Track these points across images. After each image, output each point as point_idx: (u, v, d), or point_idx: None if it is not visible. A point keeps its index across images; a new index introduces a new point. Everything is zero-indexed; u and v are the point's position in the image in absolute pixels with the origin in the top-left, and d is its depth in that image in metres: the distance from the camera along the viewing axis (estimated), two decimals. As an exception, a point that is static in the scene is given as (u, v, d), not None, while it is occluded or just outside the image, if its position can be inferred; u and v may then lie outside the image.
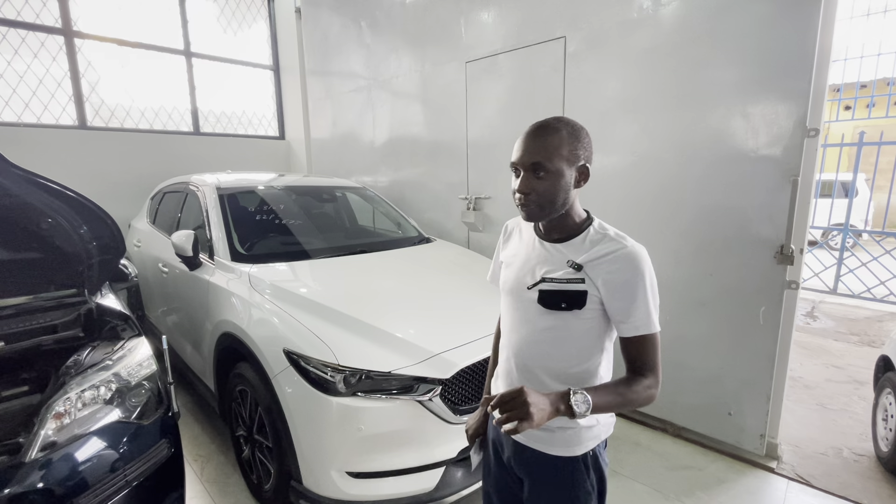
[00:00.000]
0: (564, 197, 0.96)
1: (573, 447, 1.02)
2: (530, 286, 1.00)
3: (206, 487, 2.21)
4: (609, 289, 0.93)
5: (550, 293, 0.97)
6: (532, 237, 1.07)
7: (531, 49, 2.98)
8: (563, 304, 0.96)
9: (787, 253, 2.12)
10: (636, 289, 0.92)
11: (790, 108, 2.05)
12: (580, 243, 0.98)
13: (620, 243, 0.95)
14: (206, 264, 2.50)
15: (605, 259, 0.94)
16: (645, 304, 0.93)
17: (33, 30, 3.95)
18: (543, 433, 1.03)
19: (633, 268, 0.93)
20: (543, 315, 0.99)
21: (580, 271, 0.95)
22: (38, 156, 3.90)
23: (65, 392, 1.33)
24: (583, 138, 0.97)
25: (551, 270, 0.98)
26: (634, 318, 0.93)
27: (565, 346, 0.99)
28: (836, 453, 2.53)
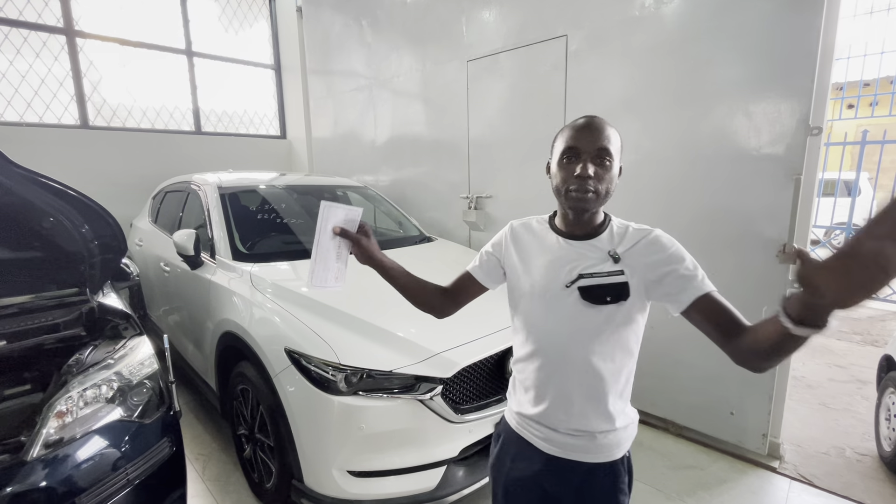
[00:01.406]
0: (613, 188, 0.97)
1: (614, 450, 1.00)
2: (569, 284, 0.97)
3: (208, 486, 2.21)
4: (657, 269, 0.93)
5: (593, 288, 0.95)
6: (553, 238, 1.04)
7: (532, 48, 2.98)
8: (608, 297, 0.94)
9: (789, 252, 2.11)
10: (683, 256, 0.94)
11: (793, 106, 2.04)
12: (609, 238, 0.99)
13: (646, 230, 0.99)
14: (207, 263, 2.50)
15: (637, 246, 0.96)
16: (695, 266, 0.93)
17: (35, 29, 3.96)
18: (585, 441, 1.00)
19: (669, 243, 0.95)
20: (586, 311, 0.96)
21: (618, 263, 0.95)
22: (41, 155, 3.90)
23: (66, 391, 1.33)
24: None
25: (589, 266, 0.97)
26: (699, 276, 0.92)
27: (610, 341, 0.97)
28: (839, 453, 2.52)
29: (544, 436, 1.02)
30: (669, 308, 0.96)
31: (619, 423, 0.99)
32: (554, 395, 1.00)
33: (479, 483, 1.85)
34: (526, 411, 1.05)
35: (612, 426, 0.99)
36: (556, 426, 1.01)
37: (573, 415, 0.99)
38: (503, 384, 2.03)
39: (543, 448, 1.03)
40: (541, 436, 1.03)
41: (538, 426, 1.03)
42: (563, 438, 1.00)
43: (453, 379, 1.79)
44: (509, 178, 3.25)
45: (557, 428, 1.01)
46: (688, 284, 0.92)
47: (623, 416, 1.01)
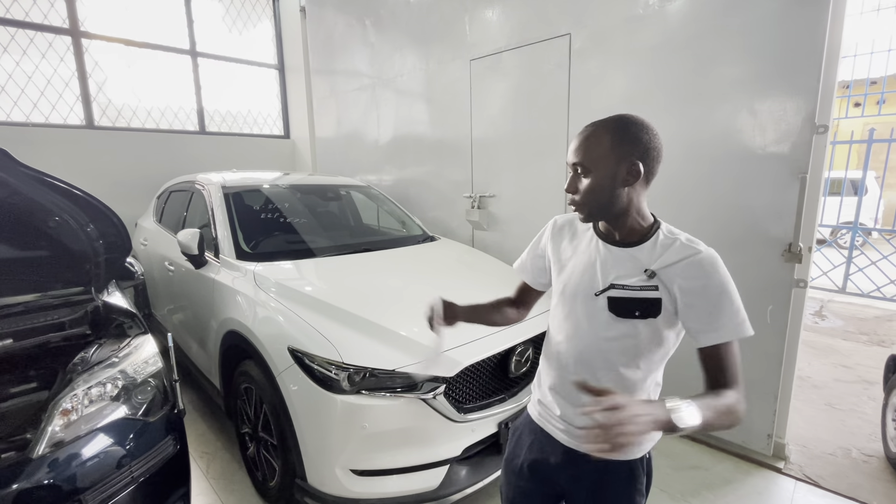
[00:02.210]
0: (613, 196, 0.92)
1: (633, 449, 0.99)
2: (598, 292, 0.95)
3: (212, 484, 2.22)
4: (688, 297, 0.88)
5: (623, 300, 0.92)
6: (593, 239, 1.02)
7: (536, 46, 2.97)
8: (637, 312, 0.91)
9: (794, 251, 2.09)
10: (721, 293, 0.87)
11: (799, 104, 2.03)
12: (651, 248, 0.93)
13: (694, 248, 0.90)
14: (211, 262, 2.51)
15: (679, 265, 0.89)
16: (733, 307, 0.87)
17: (41, 30, 3.99)
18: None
19: (713, 272, 0.88)
20: (613, 323, 0.94)
21: (653, 278, 0.91)
22: (47, 155, 3.93)
23: (72, 389, 1.34)
24: (635, 133, 0.92)
25: (622, 276, 0.93)
26: (723, 323, 0.87)
27: (633, 356, 0.94)
28: (845, 454, 2.50)
29: (564, 428, 1.03)
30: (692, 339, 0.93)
31: None
32: (576, 398, 0.99)
33: (481, 483, 1.85)
34: (553, 409, 1.06)
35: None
36: (575, 421, 1.01)
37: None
38: (506, 384, 2.03)
39: (563, 440, 1.03)
40: (562, 428, 1.04)
41: (559, 420, 1.04)
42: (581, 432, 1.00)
43: (456, 378, 1.79)
44: (512, 178, 3.25)
45: (577, 422, 1.01)
46: (711, 325, 0.87)
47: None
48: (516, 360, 1.98)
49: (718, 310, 0.87)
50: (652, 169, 0.94)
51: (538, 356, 2.14)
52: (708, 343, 0.88)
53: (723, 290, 0.87)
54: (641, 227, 0.96)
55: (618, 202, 0.93)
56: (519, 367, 2.01)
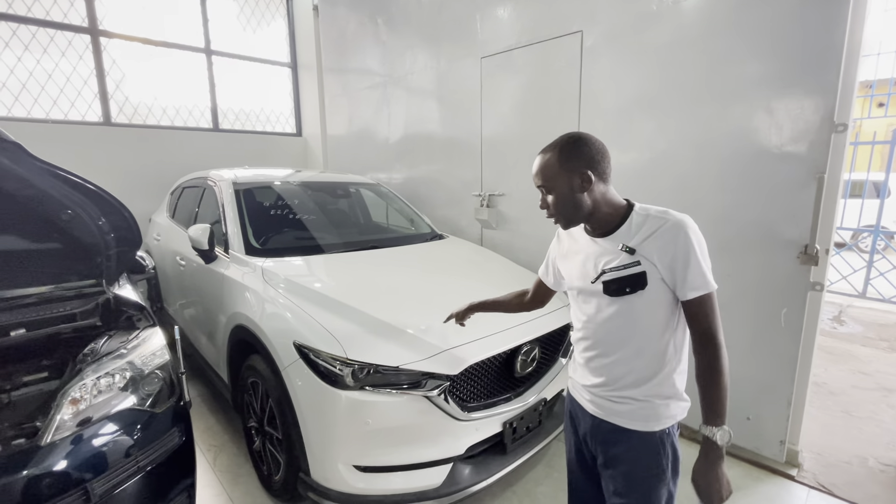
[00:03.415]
0: (576, 203, 1.08)
1: (650, 422, 1.09)
2: (594, 280, 1.10)
3: (218, 476, 2.25)
4: (665, 261, 1.02)
5: (613, 281, 1.06)
6: (584, 236, 1.17)
7: (547, 44, 2.94)
8: (627, 288, 1.04)
9: (811, 253, 2.04)
10: (688, 253, 1.00)
11: (817, 102, 1.97)
12: (628, 229, 1.07)
13: (664, 218, 1.04)
14: (221, 258, 2.54)
15: (653, 236, 1.03)
16: (697, 265, 1.01)
17: (61, 29, 4.08)
18: (622, 406, 1.12)
19: (681, 236, 1.01)
20: (612, 303, 1.08)
21: (634, 254, 1.03)
22: (65, 151, 4.02)
23: (81, 379, 1.36)
24: (576, 149, 1.07)
25: (610, 261, 1.07)
26: (691, 280, 1.01)
27: (638, 327, 1.07)
28: (861, 462, 2.43)
29: (590, 399, 1.19)
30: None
31: (658, 400, 1.09)
32: (598, 371, 1.16)
33: (485, 482, 1.84)
34: (579, 380, 1.24)
35: (647, 398, 1.09)
36: (600, 394, 1.16)
37: (616, 388, 1.12)
38: (512, 383, 2.01)
39: (590, 410, 1.19)
40: (588, 399, 1.20)
41: (587, 392, 1.20)
42: (605, 403, 1.15)
43: (461, 376, 1.78)
44: (522, 177, 3.22)
45: (601, 395, 1.16)
46: (684, 283, 1.02)
47: (661, 395, 1.09)
48: (522, 359, 1.96)
49: (686, 269, 1.01)
50: (603, 170, 1.09)
51: (545, 356, 2.13)
52: (685, 297, 1.03)
53: (689, 252, 1.01)
54: (615, 215, 1.10)
55: (583, 206, 1.09)
56: (525, 366, 1.99)
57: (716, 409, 1.02)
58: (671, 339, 1.08)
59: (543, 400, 2.10)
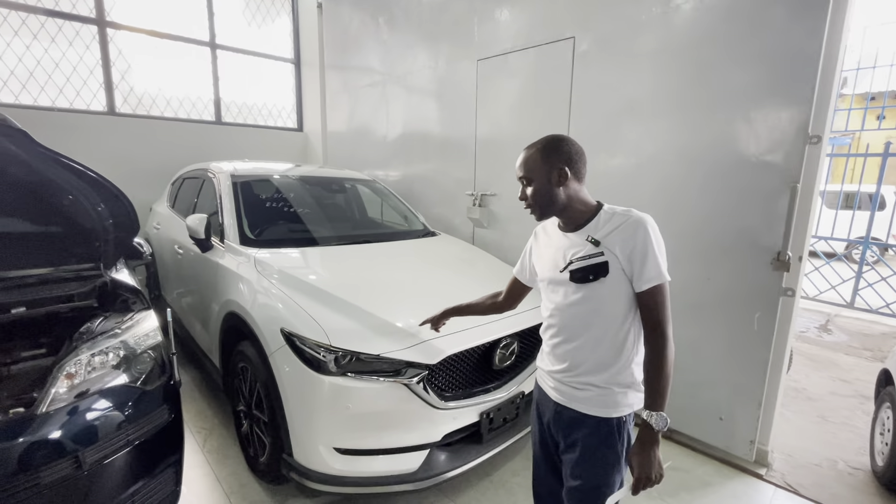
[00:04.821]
0: (552, 196, 1.19)
1: (609, 409, 1.19)
2: (562, 269, 1.20)
3: (207, 458, 2.33)
4: (625, 252, 1.12)
5: (579, 270, 1.16)
6: (557, 232, 1.27)
7: (541, 49, 3.02)
8: (591, 276, 1.14)
9: (783, 259, 2.11)
10: (646, 247, 1.11)
11: (792, 113, 2.05)
12: (595, 224, 1.18)
13: (627, 215, 1.16)
14: (217, 247, 2.62)
15: (617, 230, 1.14)
16: (654, 258, 1.11)
17: (69, 19, 4.16)
18: (583, 393, 1.21)
19: (641, 230, 1.12)
20: (577, 290, 1.18)
21: (599, 246, 1.14)
22: (70, 139, 4.10)
23: (76, 355, 1.44)
24: (557, 147, 1.19)
25: (577, 252, 1.17)
26: (647, 271, 1.11)
27: (600, 313, 1.17)
28: (831, 465, 2.50)
29: (554, 386, 1.28)
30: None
31: (616, 388, 1.18)
32: (562, 357, 1.24)
33: (461, 468, 1.91)
34: (544, 367, 1.33)
35: (606, 385, 1.18)
36: (563, 380, 1.25)
37: (578, 373, 1.21)
38: (491, 375, 2.09)
39: (553, 397, 1.28)
40: (552, 385, 1.29)
41: (551, 379, 1.29)
42: (567, 390, 1.24)
43: (439, 366, 1.86)
44: (513, 178, 3.27)
45: (564, 381, 1.25)
46: (641, 274, 1.12)
47: (619, 383, 1.19)
48: (501, 352, 2.04)
49: (644, 261, 1.11)
50: (579, 170, 1.21)
51: (524, 350, 2.21)
52: (640, 289, 1.13)
53: (647, 245, 1.11)
54: (585, 212, 1.21)
55: (558, 199, 1.20)
56: (503, 360, 2.07)
57: (657, 394, 1.11)
58: (630, 329, 1.18)
59: (521, 393, 2.18)
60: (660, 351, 1.12)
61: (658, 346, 1.13)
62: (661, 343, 1.12)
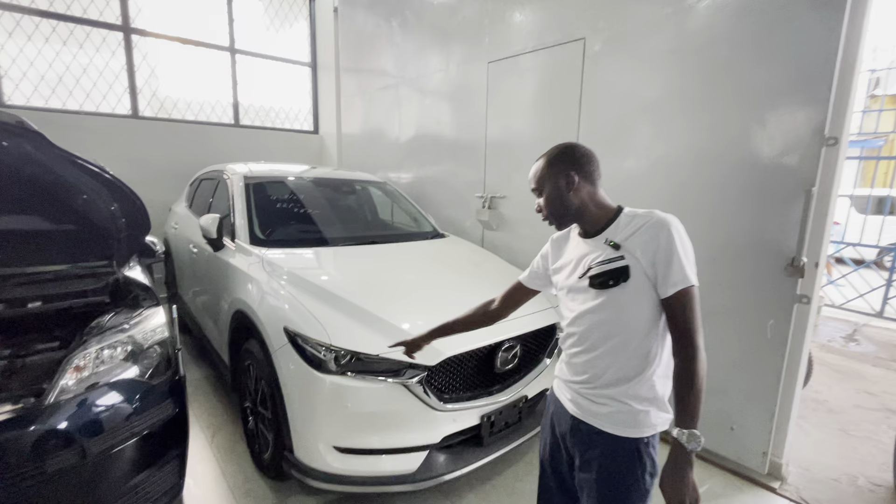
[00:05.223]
0: (564, 202, 1.16)
1: (629, 428, 1.10)
2: (581, 276, 1.15)
3: (214, 453, 2.38)
4: (648, 255, 1.05)
5: (599, 275, 1.10)
6: (576, 239, 1.23)
7: (551, 50, 2.99)
8: (611, 281, 1.08)
9: (797, 265, 2.04)
10: (670, 249, 1.04)
11: (808, 114, 1.98)
12: (615, 228, 1.13)
13: (648, 217, 1.09)
14: (228, 247, 2.68)
15: (638, 232, 1.08)
16: (679, 260, 1.03)
17: (96, 26, 4.33)
18: (601, 408, 1.13)
19: (664, 232, 1.05)
20: (597, 296, 1.11)
21: (619, 250, 1.08)
22: (96, 141, 4.26)
23: (84, 348, 1.50)
24: (562, 154, 1.18)
25: (597, 258, 1.12)
26: (672, 275, 1.03)
27: (622, 321, 1.09)
28: (851, 481, 2.39)
29: (571, 398, 1.21)
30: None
31: (634, 402, 1.09)
32: (581, 368, 1.17)
33: (460, 471, 1.91)
34: (562, 377, 1.26)
35: (626, 401, 1.09)
36: (581, 392, 1.18)
37: (597, 386, 1.13)
38: (493, 379, 2.07)
39: (570, 409, 1.20)
40: (569, 397, 1.22)
41: (569, 390, 1.22)
42: (585, 403, 1.16)
43: (439, 367, 1.86)
44: (523, 180, 3.25)
45: (582, 393, 1.17)
46: (666, 278, 1.04)
47: (640, 398, 1.09)
48: (503, 355, 2.03)
49: (668, 264, 1.04)
50: (589, 172, 1.17)
51: (527, 354, 2.19)
52: (665, 294, 1.05)
53: (671, 247, 1.04)
54: (604, 216, 1.16)
55: (570, 205, 1.16)
56: (505, 363, 2.05)
57: (688, 411, 1.02)
58: (655, 339, 1.09)
59: (524, 397, 2.16)
60: (689, 362, 1.03)
61: (687, 357, 1.03)
62: (689, 353, 1.03)
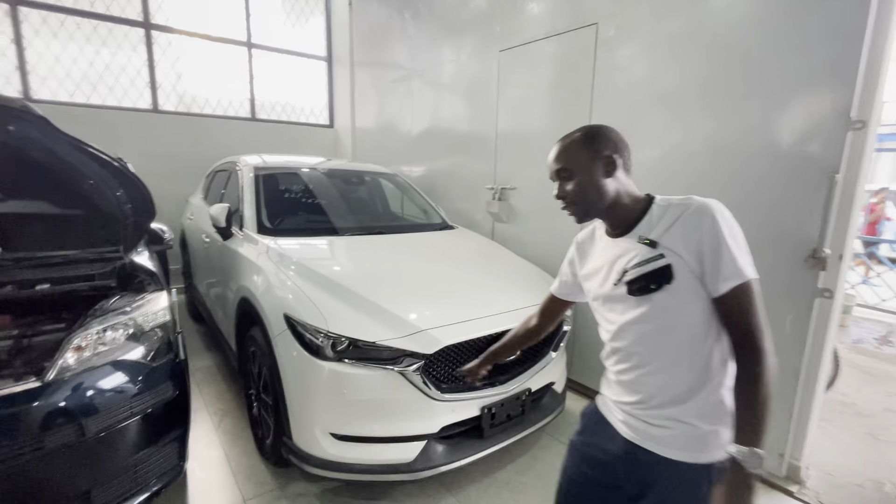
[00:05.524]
0: (600, 190, 0.99)
1: (696, 451, 0.94)
2: (616, 282, 0.99)
3: (220, 438, 2.41)
4: (691, 249, 0.90)
5: (637, 279, 0.94)
6: (605, 239, 1.07)
7: (563, 37, 2.91)
8: (653, 285, 0.92)
9: (819, 257, 1.92)
10: (717, 238, 0.88)
11: (832, 96, 1.86)
12: (648, 224, 0.97)
13: (686, 204, 0.94)
14: (236, 235, 2.71)
15: (676, 224, 0.92)
16: (728, 251, 0.88)
17: (118, 23, 4.45)
18: (661, 431, 0.96)
19: (706, 219, 0.89)
20: (638, 304, 0.96)
21: (657, 247, 0.93)
22: (118, 135, 4.38)
23: (86, 329, 1.53)
24: (601, 133, 1.01)
25: (631, 259, 0.96)
26: (723, 269, 0.88)
27: (672, 331, 0.94)
28: (876, 487, 2.26)
29: (623, 419, 1.03)
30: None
31: (701, 422, 0.93)
32: (631, 387, 1.01)
33: (459, 462, 1.88)
34: (611, 395, 1.08)
35: (690, 422, 0.93)
36: (634, 414, 1.01)
37: (652, 406, 0.97)
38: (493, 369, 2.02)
39: (623, 432, 1.03)
40: (620, 419, 1.04)
41: (619, 411, 1.05)
42: (640, 426, 0.99)
43: (438, 356, 1.83)
44: (533, 171, 3.21)
45: (635, 415, 1.01)
46: (716, 274, 0.88)
47: (708, 416, 0.94)
48: (504, 346, 1.98)
49: (717, 257, 0.88)
50: (627, 159, 1.03)
51: (533, 347, 2.13)
52: (717, 293, 0.89)
53: (717, 236, 0.88)
54: (636, 209, 1.00)
55: (606, 193, 0.99)
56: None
57: (753, 425, 0.85)
58: (715, 346, 0.93)
59: (528, 390, 2.11)
60: (753, 368, 0.86)
61: (750, 363, 0.87)
62: (754, 358, 0.86)
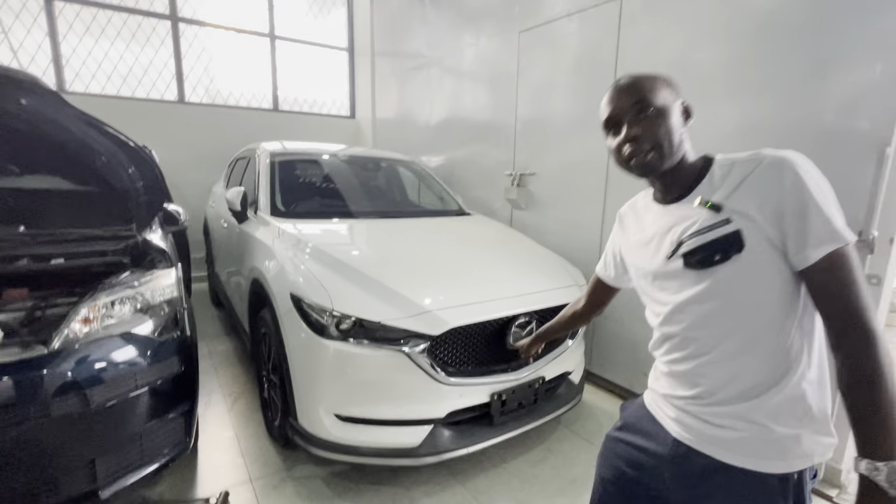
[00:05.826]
0: (678, 135, 0.83)
1: (770, 460, 0.77)
2: (670, 255, 0.83)
3: (232, 419, 2.42)
4: (768, 210, 0.73)
5: (696, 250, 0.79)
6: (654, 207, 0.92)
7: (585, 14, 2.78)
8: (717, 255, 0.76)
9: (866, 239, 1.75)
10: (802, 195, 0.71)
11: (884, 63, 1.68)
12: (709, 185, 0.82)
13: (756, 159, 0.77)
14: (251, 219, 2.72)
15: (746, 181, 0.76)
16: (819, 210, 0.70)
17: (146, 15, 4.56)
18: (723, 432, 0.80)
19: (788, 173, 0.73)
20: (698, 280, 0.79)
21: (720, 212, 0.77)
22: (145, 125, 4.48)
23: (93, 300, 1.53)
24: (672, 80, 0.88)
25: (688, 227, 0.81)
26: (812, 231, 0.70)
27: (741, 310, 0.77)
28: (928, 496, 2.06)
29: (675, 416, 0.87)
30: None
31: (776, 423, 0.76)
32: (687, 379, 0.85)
33: (467, 449, 1.81)
34: (659, 389, 0.93)
35: (763, 422, 0.77)
36: (689, 410, 0.85)
37: (713, 402, 0.81)
38: (505, 355, 1.95)
39: (674, 431, 0.87)
40: (672, 415, 0.88)
41: (670, 406, 0.89)
42: (697, 425, 0.83)
43: (444, 339, 1.76)
44: (553, 156, 3.10)
45: (691, 412, 0.84)
46: (803, 239, 0.71)
47: (789, 418, 0.76)
48: (516, 331, 1.90)
49: (803, 217, 0.71)
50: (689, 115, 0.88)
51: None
52: (805, 262, 0.71)
53: (803, 192, 0.71)
54: (696, 169, 0.86)
55: (681, 143, 0.84)
56: (518, 338, 1.92)
57: (880, 430, 0.66)
58: (796, 328, 0.76)
59: (542, 378, 2.02)
60: (861, 355, 0.68)
61: (857, 349, 0.69)
62: (864, 343, 0.68)
